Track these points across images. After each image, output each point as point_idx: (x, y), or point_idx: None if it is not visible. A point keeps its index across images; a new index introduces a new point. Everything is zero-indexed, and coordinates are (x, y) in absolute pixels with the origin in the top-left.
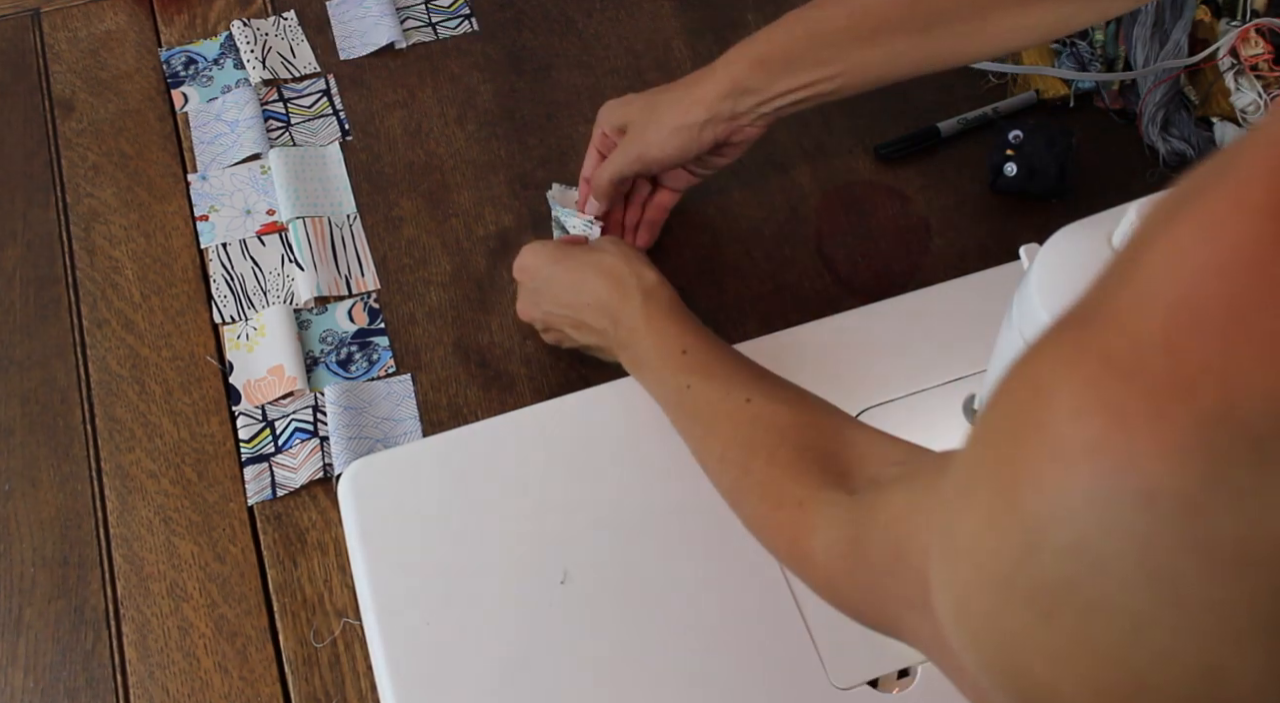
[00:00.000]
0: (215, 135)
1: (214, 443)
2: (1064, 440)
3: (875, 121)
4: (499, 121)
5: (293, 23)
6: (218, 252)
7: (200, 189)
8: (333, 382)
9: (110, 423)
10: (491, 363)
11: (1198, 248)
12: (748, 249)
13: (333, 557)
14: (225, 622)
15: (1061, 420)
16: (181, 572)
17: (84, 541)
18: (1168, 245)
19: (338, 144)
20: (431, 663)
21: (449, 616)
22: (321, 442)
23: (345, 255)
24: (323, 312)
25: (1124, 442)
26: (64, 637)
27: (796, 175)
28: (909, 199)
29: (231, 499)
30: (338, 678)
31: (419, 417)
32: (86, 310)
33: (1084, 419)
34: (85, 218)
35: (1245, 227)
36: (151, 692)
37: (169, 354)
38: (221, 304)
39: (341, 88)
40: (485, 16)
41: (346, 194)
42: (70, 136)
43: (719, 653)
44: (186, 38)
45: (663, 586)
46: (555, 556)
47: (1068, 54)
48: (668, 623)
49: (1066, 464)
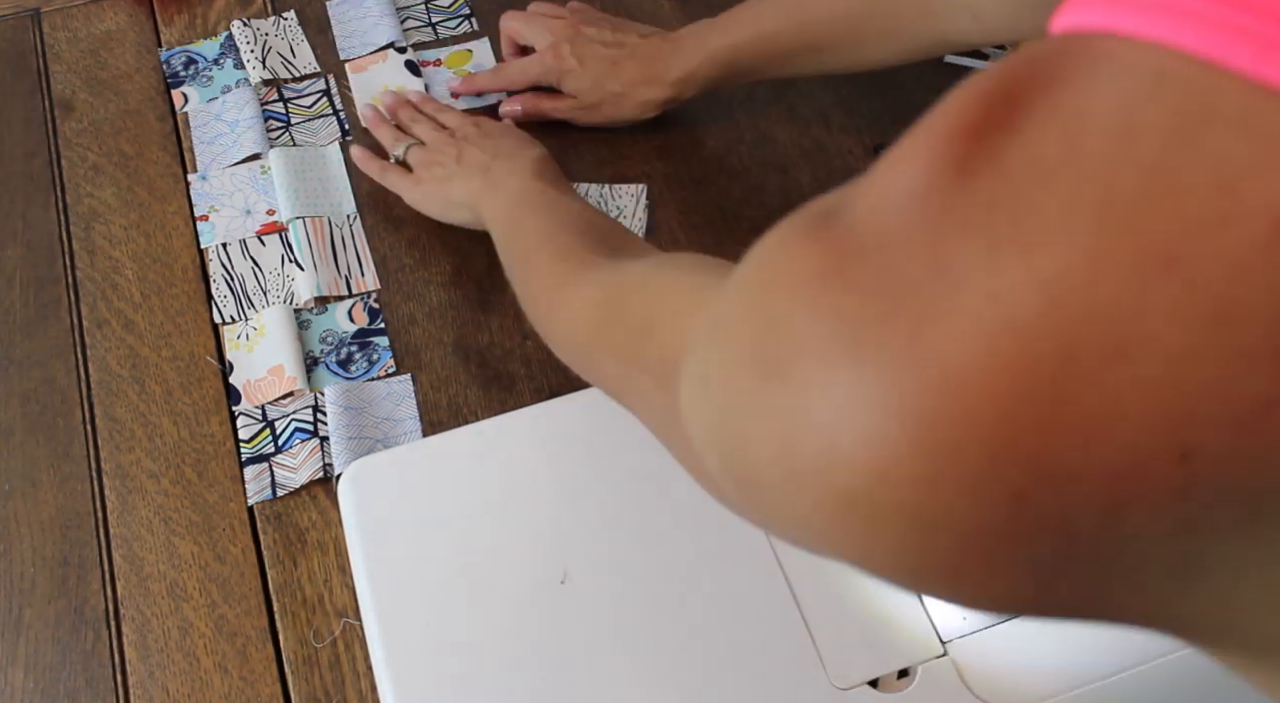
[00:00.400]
0: (215, 135)
1: (214, 443)
2: (804, 272)
3: (875, 122)
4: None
5: (293, 23)
6: (218, 252)
7: (200, 189)
8: (333, 382)
9: (110, 423)
10: (491, 363)
11: (907, 155)
12: (748, 249)
13: (333, 557)
14: (225, 622)
15: (807, 260)
16: (181, 572)
17: (84, 541)
18: (893, 152)
19: (338, 144)
20: (431, 663)
21: (449, 616)
22: (321, 442)
23: (345, 255)
24: (323, 312)
25: (839, 279)
26: (64, 637)
27: (796, 175)
28: None
29: (231, 499)
30: (338, 678)
31: (419, 417)
32: (86, 310)
33: (821, 260)
34: (85, 218)
35: (930, 147)
36: (151, 692)
37: (169, 354)
38: (221, 304)
39: (341, 87)
40: (485, 16)
41: (346, 194)
42: (70, 136)
43: (719, 653)
44: (186, 38)
45: (663, 585)
46: (555, 556)
47: None
48: (668, 623)
49: (804, 287)
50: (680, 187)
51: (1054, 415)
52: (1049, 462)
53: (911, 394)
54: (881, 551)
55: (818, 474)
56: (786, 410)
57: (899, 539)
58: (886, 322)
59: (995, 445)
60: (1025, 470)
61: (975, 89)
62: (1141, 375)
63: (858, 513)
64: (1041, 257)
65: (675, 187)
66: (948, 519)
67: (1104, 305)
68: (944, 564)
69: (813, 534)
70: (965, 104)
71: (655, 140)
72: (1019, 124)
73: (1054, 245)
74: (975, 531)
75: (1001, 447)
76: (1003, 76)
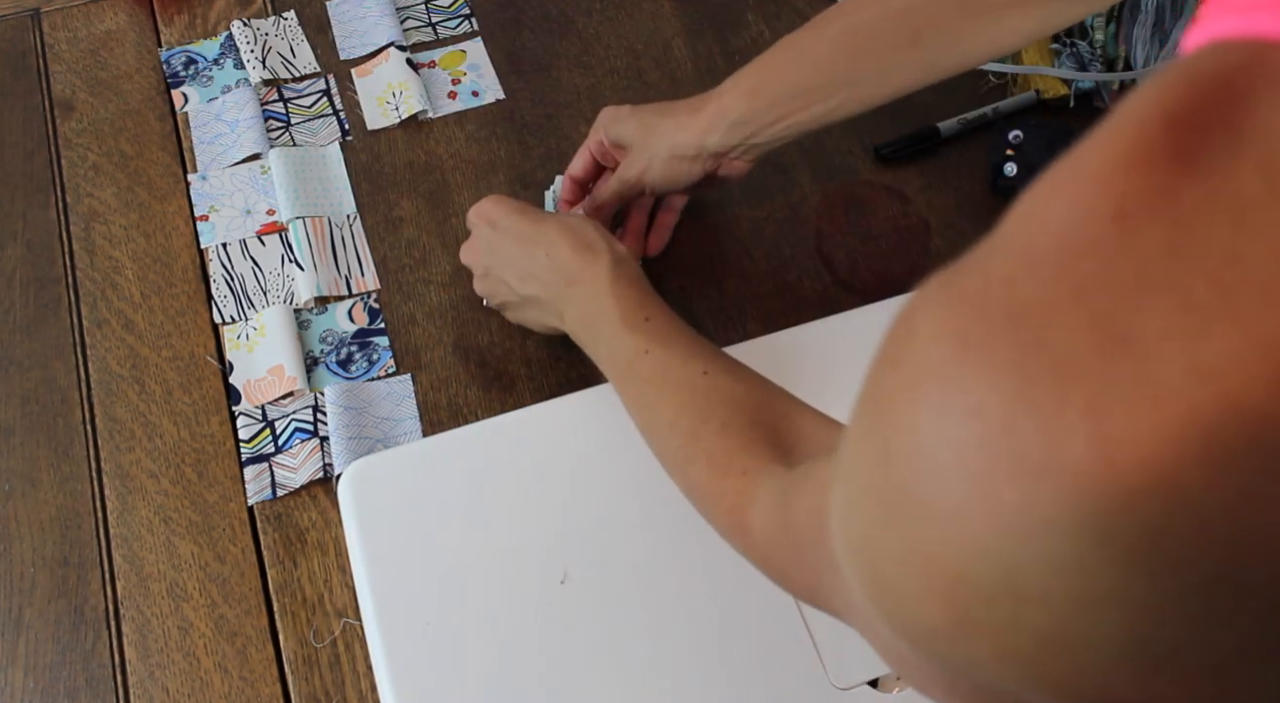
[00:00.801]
0: (215, 135)
1: (214, 443)
2: (920, 364)
3: (875, 122)
4: (499, 121)
5: (293, 23)
6: (218, 252)
7: (200, 189)
8: (333, 382)
9: (110, 423)
10: (491, 363)
11: (1043, 205)
12: (748, 249)
13: (333, 557)
14: (225, 622)
15: (921, 348)
16: (181, 572)
17: (84, 541)
18: (1026, 202)
19: (338, 144)
20: (431, 663)
21: (449, 616)
22: (321, 442)
23: (345, 255)
24: (323, 312)
25: (963, 364)
26: (64, 637)
27: (796, 175)
28: (909, 199)
29: (231, 499)
30: (338, 678)
31: (419, 417)
32: (86, 310)
33: (938, 346)
34: (85, 218)
35: (1074, 191)
36: (151, 692)
37: (169, 354)
38: (221, 304)
39: (341, 88)
40: (485, 16)
41: (346, 194)
42: (70, 136)
43: (719, 653)
44: (186, 38)
45: (663, 586)
46: (555, 556)
47: (1068, 54)
48: (667, 623)
49: (918, 382)
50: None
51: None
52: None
53: (1112, 502)
54: (1101, 691)
55: (996, 617)
56: (931, 545)
57: (1120, 676)
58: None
59: (1237, 557)
60: (1266, 591)
61: (1128, 116)
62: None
63: (1063, 657)
64: (1262, 317)
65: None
66: (1187, 653)
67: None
68: (1184, 697)
69: (1008, 682)
70: (1119, 135)
71: None
72: (1194, 155)
73: (1277, 302)
74: (1219, 662)
75: (1243, 558)
76: (1160, 98)
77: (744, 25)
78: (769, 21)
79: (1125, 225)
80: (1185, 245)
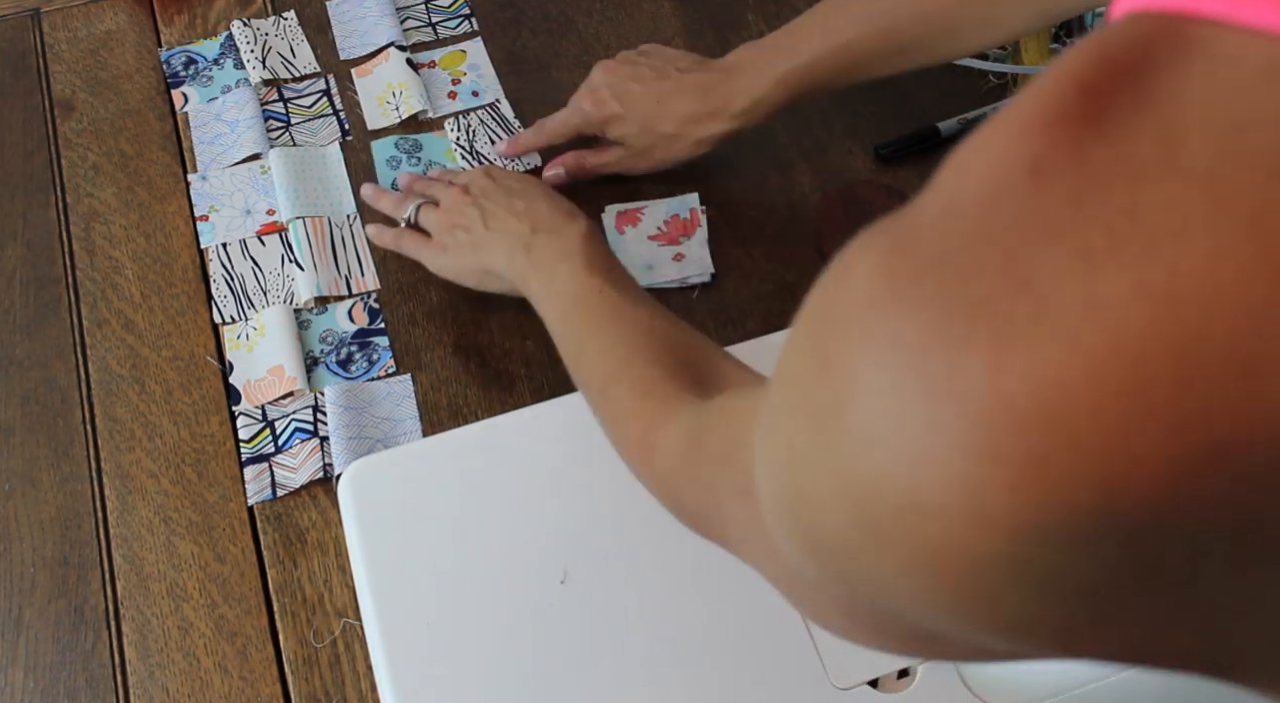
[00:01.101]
0: (215, 135)
1: (214, 443)
2: (855, 297)
3: (875, 122)
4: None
5: (293, 23)
6: (218, 252)
7: (200, 189)
8: (333, 382)
9: (110, 423)
10: (491, 363)
11: (971, 159)
12: (748, 249)
13: (333, 557)
14: (225, 622)
15: (857, 284)
16: (181, 572)
17: (84, 541)
18: (957, 155)
19: (338, 144)
20: (431, 663)
21: (449, 616)
22: (321, 442)
23: (345, 255)
24: (323, 312)
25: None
26: (64, 637)
27: (796, 175)
28: (909, 199)
29: (231, 499)
30: (338, 678)
31: (419, 417)
32: (86, 310)
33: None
34: (85, 218)
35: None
36: (151, 692)
37: (169, 354)
38: (221, 304)
39: (341, 88)
40: (485, 16)
41: (346, 194)
42: (70, 136)
43: (719, 653)
44: (186, 38)
45: (663, 585)
46: (555, 556)
47: None
48: (667, 623)
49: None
50: (680, 187)
51: (1175, 446)
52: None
53: (1004, 429)
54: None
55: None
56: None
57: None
58: (960, 347)
59: (1110, 485)
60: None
61: (1048, 80)
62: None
63: (952, 570)
64: (1147, 266)
65: (675, 187)
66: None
67: (1229, 318)
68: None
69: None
70: (1038, 97)
71: None
72: (1101, 118)
73: (1162, 253)
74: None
75: (1117, 486)
76: (1076, 65)
77: (744, 25)
78: (769, 21)
79: (1038, 179)
80: (1088, 199)
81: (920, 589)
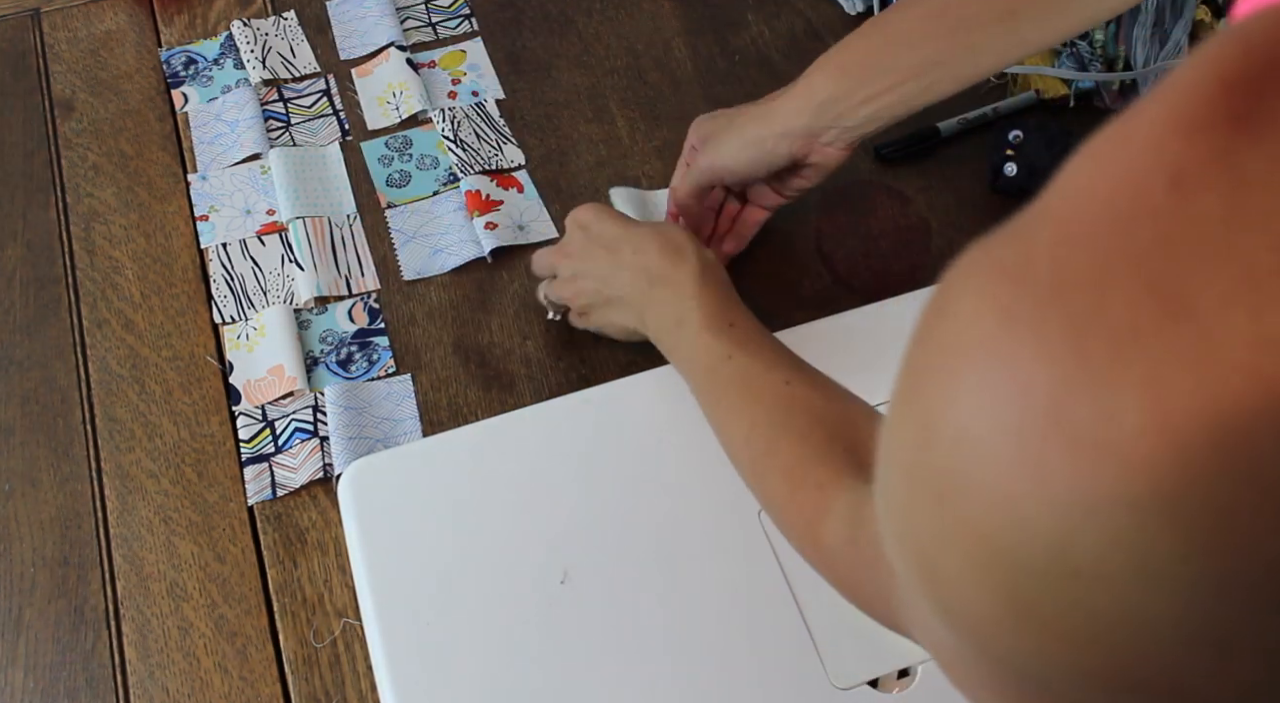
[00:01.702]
0: (215, 135)
1: (214, 443)
2: (961, 342)
3: None
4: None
5: (293, 23)
6: (218, 252)
7: (200, 189)
8: (333, 382)
9: (110, 423)
10: (491, 363)
11: (1088, 175)
12: (748, 249)
13: (333, 557)
14: (225, 622)
15: (961, 325)
16: (181, 572)
17: (84, 541)
18: (1068, 172)
19: (338, 144)
20: (431, 663)
21: (449, 616)
22: (321, 442)
23: (345, 255)
24: (323, 312)
25: (1007, 340)
26: (64, 637)
27: None
28: (909, 199)
29: (231, 499)
30: (338, 678)
31: (419, 417)
32: (86, 310)
33: (980, 322)
34: (85, 218)
35: (1125, 158)
36: (151, 692)
37: (169, 354)
38: (221, 304)
39: (341, 88)
40: (485, 16)
41: (346, 194)
42: (70, 136)
43: (719, 653)
44: (186, 38)
45: (663, 586)
46: (555, 556)
47: (1068, 54)
48: (667, 623)
49: (960, 360)
50: None
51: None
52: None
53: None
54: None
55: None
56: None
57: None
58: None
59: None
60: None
61: (1182, 80)
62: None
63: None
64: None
65: None
66: (1248, 632)
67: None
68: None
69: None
70: (1173, 98)
71: (655, 140)
72: (1252, 118)
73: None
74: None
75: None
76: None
77: (744, 25)
78: (769, 21)
79: (1182, 191)
80: (1247, 212)
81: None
